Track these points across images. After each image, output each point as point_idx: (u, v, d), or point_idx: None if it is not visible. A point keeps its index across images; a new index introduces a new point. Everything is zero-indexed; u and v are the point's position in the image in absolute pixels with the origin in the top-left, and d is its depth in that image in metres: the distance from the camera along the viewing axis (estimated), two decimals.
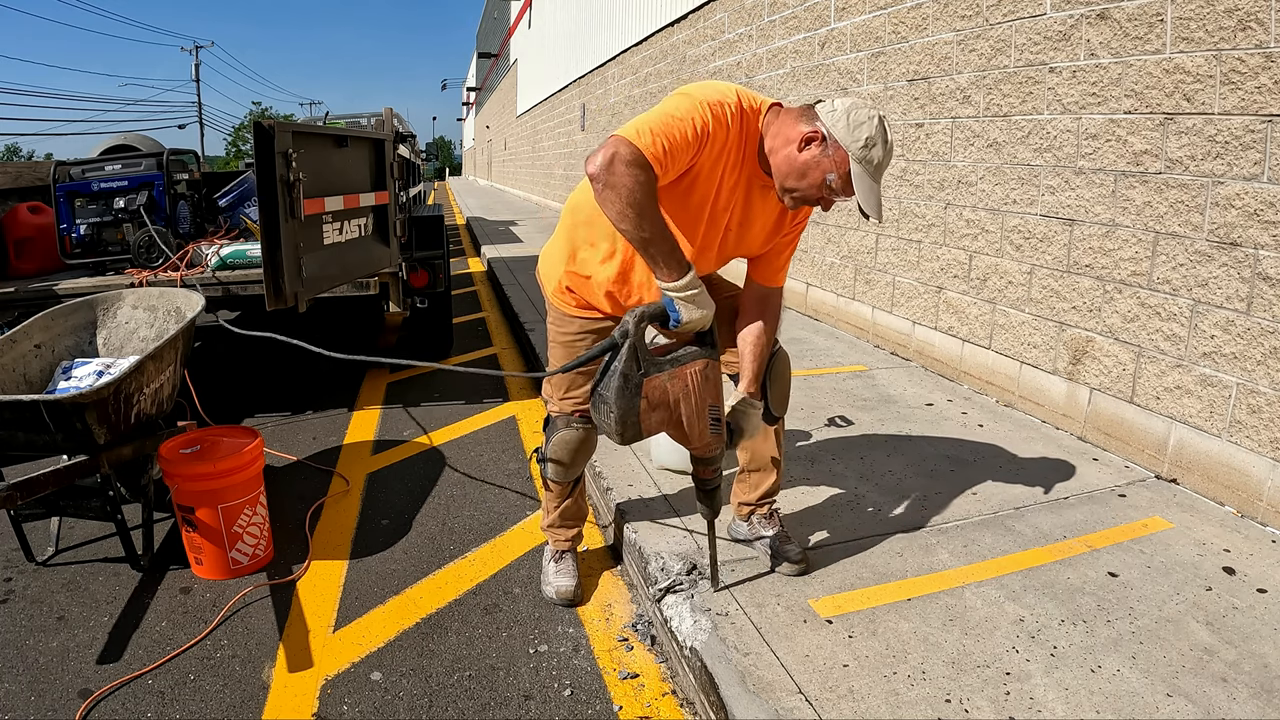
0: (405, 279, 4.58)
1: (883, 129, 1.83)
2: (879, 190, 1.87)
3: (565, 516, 2.45)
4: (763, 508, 2.40)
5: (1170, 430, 2.98)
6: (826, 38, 5.35)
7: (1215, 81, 2.73)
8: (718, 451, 2.04)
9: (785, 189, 1.90)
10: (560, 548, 2.49)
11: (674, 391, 1.89)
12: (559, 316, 2.23)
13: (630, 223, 1.75)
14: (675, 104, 1.83)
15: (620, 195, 1.72)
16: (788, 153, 1.86)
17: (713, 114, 1.81)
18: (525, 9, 24.06)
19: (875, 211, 1.86)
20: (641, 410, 1.87)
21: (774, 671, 1.89)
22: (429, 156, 11.74)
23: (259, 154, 2.97)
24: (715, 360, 1.95)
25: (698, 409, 1.93)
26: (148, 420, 2.69)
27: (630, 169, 1.71)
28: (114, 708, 1.99)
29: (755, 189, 1.98)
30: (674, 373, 1.89)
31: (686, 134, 1.77)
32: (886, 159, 1.86)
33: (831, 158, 1.83)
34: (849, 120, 1.82)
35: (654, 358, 1.88)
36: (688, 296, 1.83)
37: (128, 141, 5.56)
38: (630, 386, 1.84)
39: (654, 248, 1.78)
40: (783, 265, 2.17)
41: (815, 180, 1.85)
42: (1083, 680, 1.84)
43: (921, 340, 4.47)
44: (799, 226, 2.15)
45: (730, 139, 1.87)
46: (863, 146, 1.81)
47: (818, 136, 1.83)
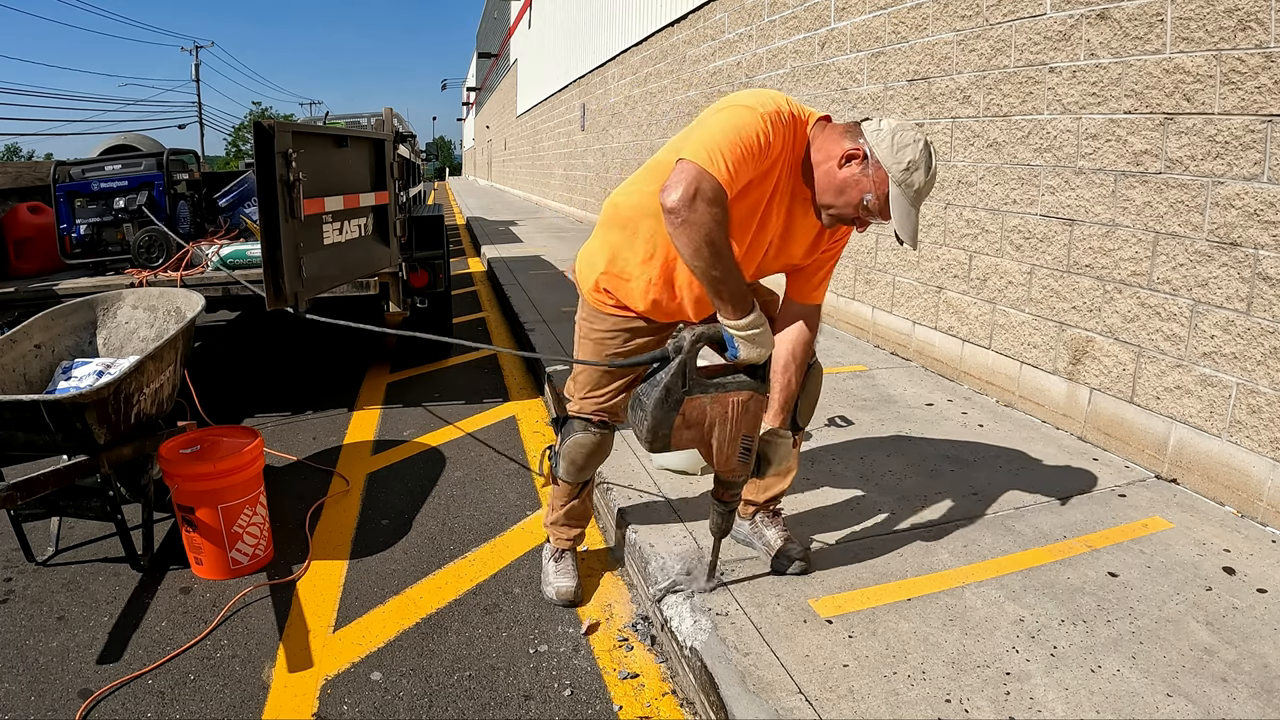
0: (405, 279, 4.58)
1: (928, 154, 1.79)
2: (917, 216, 1.82)
3: (571, 516, 2.43)
4: (767, 508, 2.41)
5: (1170, 430, 2.98)
6: (826, 38, 5.35)
7: (1215, 81, 2.73)
8: (742, 479, 2.04)
9: (822, 205, 1.87)
10: (561, 546, 2.49)
11: (712, 415, 1.90)
12: (591, 313, 2.19)
13: (704, 260, 1.72)
14: (737, 119, 1.77)
15: (699, 233, 1.68)
16: (828, 168, 1.83)
17: (773, 125, 1.77)
18: (525, 9, 24.07)
19: (911, 238, 1.81)
20: (675, 425, 1.88)
21: (774, 671, 1.89)
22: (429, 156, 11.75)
23: (259, 154, 2.97)
24: (763, 395, 1.94)
25: (731, 436, 1.94)
26: (148, 420, 2.69)
27: (711, 208, 1.67)
28: (114, 708, 1.99)
29: (799, 203, 1.95)
30: (717, 397, 1.89)
31: (753, 150, 1.74)
32: (928, 185, 1.82)
33: (871, 177, 1.79)
34: (893, 141, 1.78)
35: (701, 379, 1.88)
36: (749, 336, 1.82)
37: (128, 141, 5.56)
38: (671, 401, 1.86)
39: (723, 286, 1.76)
40: (820, 282, 2.14)
41: (853, 199, 1.82)
42: (1083, 680, 1.84)
43: (921, 340, 4.48)
44: (838, 244, 2.10)
45: (784, 149, 1.84)
46: (904, 169, 1.77)
47: (859, 154, 1.80)
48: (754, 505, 2.41)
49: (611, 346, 2.15)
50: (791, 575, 2.27)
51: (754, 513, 2.42)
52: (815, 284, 2.14)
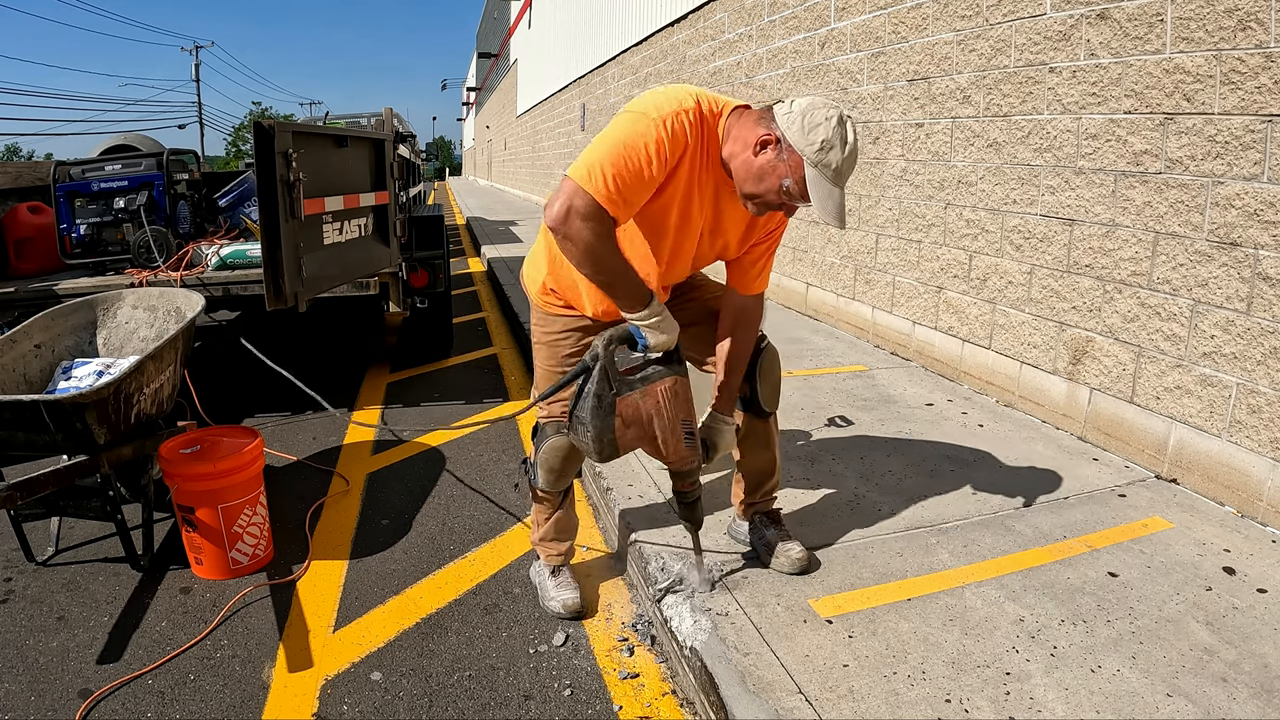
0: (405, 279, 4.58)
1: (841, 131, 1.75)
2: (840, 195, 1.78)
3: (559, 529, 2.39)
4: (763, 504, 2.39)
5: (1170, 430, 2.98)
6: (826, 38, 5.35)
7: (1215, 81, 2.73)
8: (694, 465, 2.07)
9: (745, 194, 1.86)
10: (554, 562, 2.43)
11: (646, 409, 1.95)
12: (542, 317, 2.22)
13: (589, 269, 1.79)
14: (629, 128, 1.77)
15: (578, 247, 1.75)
16: (745, 157, 1.81)
17: (670, 131, 1.76)
18: (525, 9, 24.07)
19: (836, 219, 1.78)
20: (617, 429, 1.94)
21: (774, 671, 1.89)
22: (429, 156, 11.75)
23: (259, 154, 2.97)
24: (683, 377, 1.98)
25: (670, 425, 1.97)
26: (148, 420, 2.69)
27: (587, 222, 1.72)
28: (114, 708, 1.99)
29: (724, 194, 1.94)
30: (645, 390, 1.94)
31: (642, 164, 1.74)
32: (848, 163, 1.78)
33: (786, 162, 1.77)
34: (804, 122, 1.75)
35: (625, 378, 1.93)
36: (652, 324, 1.87)
37: (128, 141, 5.56)
38: (604, 406, 1.91)
39: (616, 289, 1.83)
40: (760, 272, 2.13)
41: (772, 185, 1.80)
42: (1083, 680, 1.84)
43: (921, 340, 4.48)
44: (774, 234, 2.11)
45: (693, 148, 1.83)
46: (818, 150, 1.74)
47: (772, 140, 1.78)
48: (750, 504, 2.40)
49: (565, 347, 2.17)
50: (791, 575, 2.27)
51: (752, 513, 2.41)
52: (755, 274, 2.13)
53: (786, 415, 3.62)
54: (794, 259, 6.05)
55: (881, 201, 4.79)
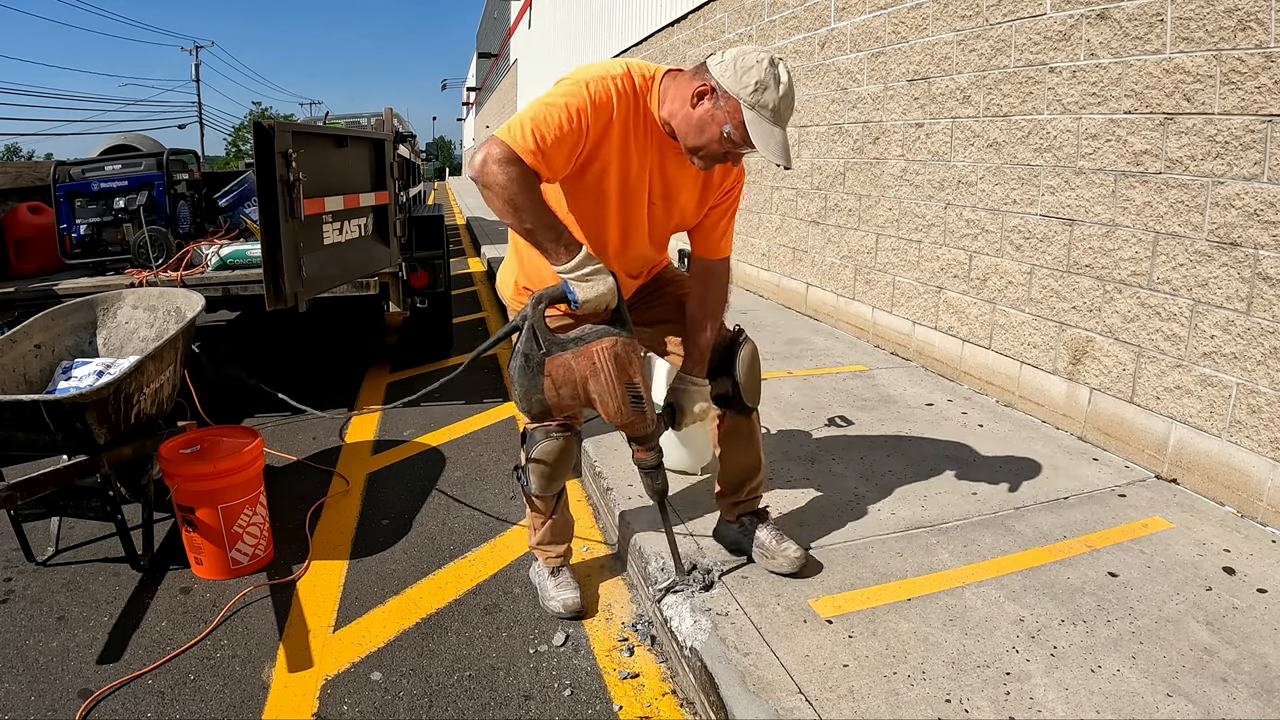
0: (405, 279, 4.58)
1: (774, 71, 1.79)
2: (782, 134, 1.81)
3: (555, 532, 2.38)
4: (751, 504, 2.36)
5: (1170, 430, 2.98)
6: (826, 38, 5.35)
7: (1215, 81, 2.73)
8: (649, 430, 2.04)
9: (689, 149, 1.88)
10: (553, 564, 2.43)
11: (580, 369, 1.92)
12: None
13: (511, 217, 1.79)
14: (555, 90, 1.84)
15: (496, 194, 1.76)
16: (684, 112, 1.85)
17: (593, 93, 1.81)
18: (525, 9, 24.07)
19: (781, 157, 1.80)
20: (545, 388, 1.93)
21: (774, 671, 1.89)
22: (429, 156, 11.75)
23: (259, 154, 2.98)
24: (626, 338, 1.94)
25: (608, 387, 1.92)
26: (148, 420, 2.69)
27: (502, 166, 1.74)
28: (114, 708, 1.99)
29: (669, 158, 1.96)
30: (579, 351, 1.91)
31: (562, 119, 1.78)
32: (785, 102, 1.81)
33: (724, 109, 1.80)
34: (735, 67, 1.79)
35: (557, 337, 1.92)
36: (579, 275, 1.83)
37: (128, 141, 5.56)
38: (531, 365, 1.91)
39: (539, 236, 1.82)
40: (722, 234, 2.16)
41: (714, 135, 1.82)
42: (1083, 680, 1.84)
43: (921, 340, 4.48)
44: (730, 193, 2.12)
45: (625, 113, 1.86)
46: (753, 91, 1.77)
47: (708, 89, 1.81)
48: (736, 504, 2.36)
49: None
50: (787, 575, 2.25)
51: (739, 515, 2.36)
52: (718, 236, 2.16)
53: (787, 415, 3.62)
54: (794, 259, 6.05)
55: (881, 201, 4.79)
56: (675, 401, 2.18)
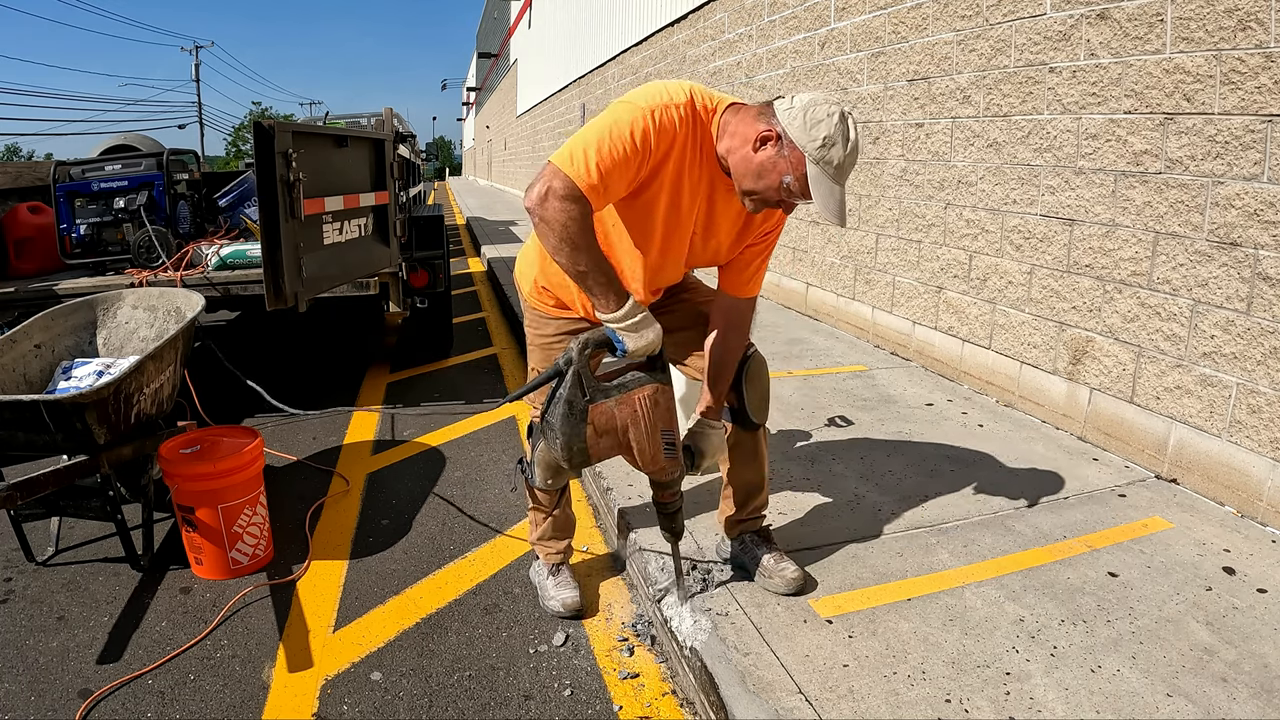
0: (405, 279, 4.58)
1: (843, 127, 1.73)
2: (841, 193, 1.76)
3: (556, 528, 2.38)
4: (752, 523, 2.31)
5: (1170, 430, 2.98)
6: (826, 38, 5.35)
7: (1215, 81, 2.73)
8: (675, 475, 2.00)
9: (743, 191, 1.82)
10: (553, 561, 2.42)
11: (622, 418, 1.87)
12: (536, 318, 2.19)
13: (565, 257, 1.73)
14: (616, 116, 1.75)
15: (554, 230, 1.70)
16: (744, 153, 1.78)
17: (658, 121, 1.75)
18: (525, 9, 24.07)
19: (837, 217, 1.76)
20: (588, 436, 1.86)
21: (774, 671, 1.89)
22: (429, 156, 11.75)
23: (259, 154, 2.97)
24: (666, 384, 1.90)
25: (648, 434, 1.89)
26: (148, 420, 2.69)
27: (564, 204, 1.68)
28: (114, 708, 1.99)
29: (719, 191, 1.90)
30: (622, 399, 1.86)
31: (625, 150, 1.72)
32: (849, 160, 1.76)
33: (788, 158, 1.74)
34: (805, 119, 1.72)
35: (600, 384, 1.86)
36: (628, 326, 1.78)
37: (128, 141, 5.56)
38: (575, 413, 1.84)
39: (590, 280, 1.75)
40: (753, 275, 2.09)
41: (772, 182, 1.77)
42: (1083, 680, 1.84)
43: (921, 340, 4.48)
44: (770, 236, 2.06)
45: (684, 142, 1.80)
46: (820, 146, 1.71)
47: (773, 136, 1.75)
48: (738, 521, 2.32)
49: (559, 349, 2.11)
50: (785, 594, 2.18)
51: (740, 532, 2.32)
52: (748, 276, 2.09)
53: (787, 415, 3.62)
54: (794, 259, 6.05)
55: (881, 201, 4.79)
56: (694, 444, 2.13)
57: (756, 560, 2.25)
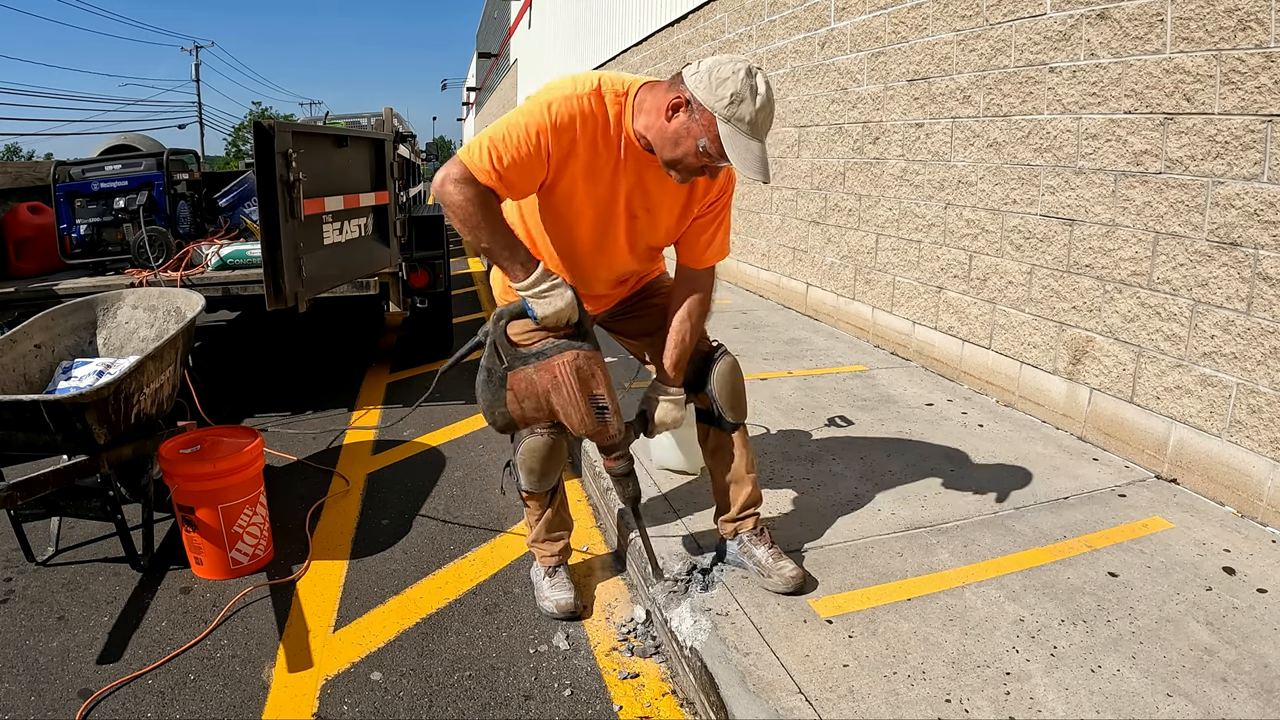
0: (405, 279, 4.58)
1: (750, 82, 1.73)
2: (761, 148, 1.76)
3: (551, 529, 2.37)
4: (747, 522, 2.30)
5: (1170, 430, 2.98)
6: (826, 38, 5.35)
7: (1215, 81, 2.73)
8: (614, 439, 2.07)
9: (665, 162, 1.86)
10: (549, 563, 2.41)
11: (542, 383, 1.95)
12: None
13: (469, 234, 1.83)
14: (519, 109, 1.85)
15: (454, 212, 1.81)
16: (659, 125, 1.82)
17: (554, 115, 1.80)
18: (525, 9, 24.07)
19: (759, 172, 1.76)
20: (509, 401, 1.98)
21: (774, 671, 1.89)
22: (429, 156, 11.74)
23: (259, 154, 2.98)
24: (589, 350, 1.95)
25: (570, 399, 1.96)
26: (148, 420, 2.69)
27: (459, 186, 1.78)
28: (114, 708, 1.99)
29: (649, 171, 1.93)
30: (540, 365, 1.94)
31: (520, 140, 1.79)
32: (764, 114, 1.75)
33: (699, 121, 1.76)
34: (710, 79, 1.74)
35: (519, 351, 1.95)
36: (536, 293, 1.86)
37: (128, 141, 5.56)
38: (494, 380, 1.96)
39: (495, 254, 1.85)
40: (707, 244, 2.13)
41: (689, 149, 1.79)
42: (1083, 680, 1.84)
43: (921, 340, 4.48)
44: (716, 205, 2.08)
45: (591, 132, 1.85)
46: (728, 104, 1.72)
47: (682, 102, 1.77)
48: (731, 521, 2.31)
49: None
50: (785, 593, 2.18)
51: (735, 530, 2.31)
52: (703, 246, 2.13)
53: (787, 415, 3.62)
54: (794, 259, 6.05)
55: (881, 201, 4.79)
56: (647, 409, 2.18)
57: (755, 560, 2.25)
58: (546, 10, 20.07)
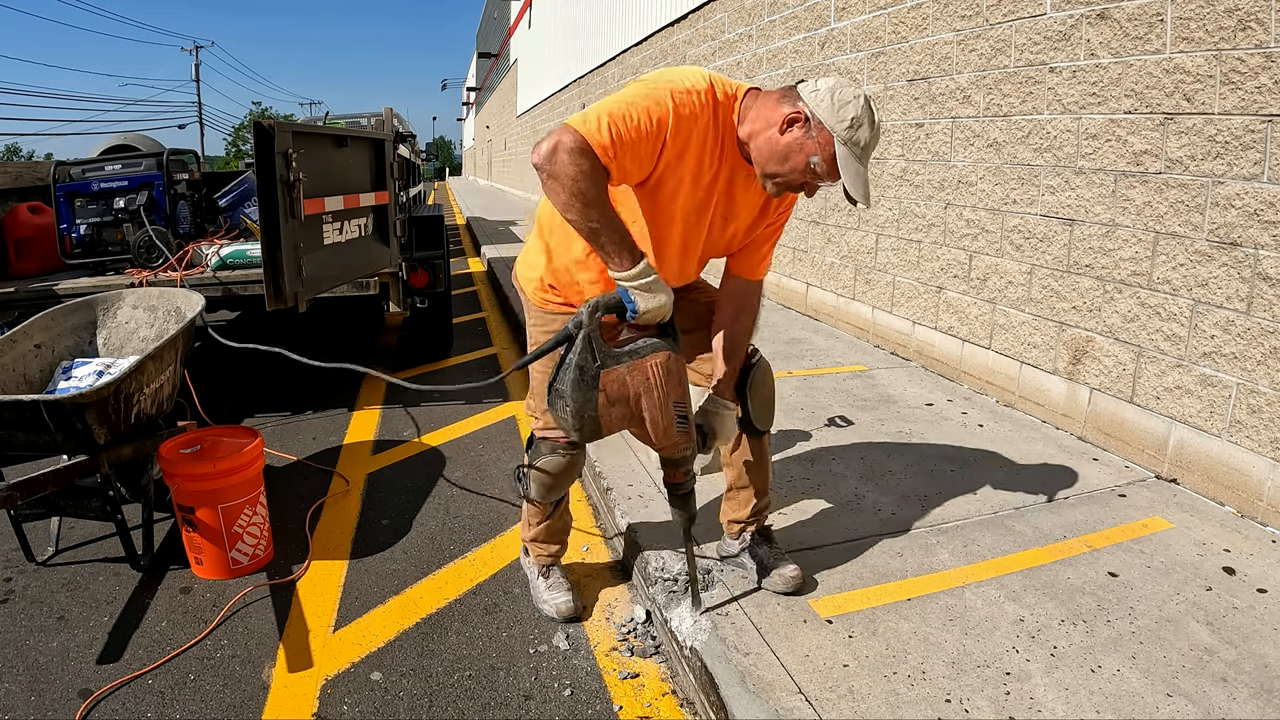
0: (405, 279, 4.58)
1: (869, 109, 1.75)
2: (866, 173, 1.78)
3: (550, 532, 2.35)
4: (754, 525, 2.31)
5: (1170, 430, 2.98)
6: (826, 38, 5.35)
7: (1215, 81, 2.73)
8: (688, 453, 1.95)
9: (767, 174, 1.81)
10: (544, 562, 2.39)
11: (634, 385, 1.80)
12: (541, 316, 2.12)
13: (576, 212, 1.68)
14: (635, 90, 1.74)
15: (564, 185, 1.65)
16: (769, 135, 1.77)
17: (676, 102, 1.72)
18: (525, 9, 24.07)
19: (863, 197, 1.77)
20: (600, 405, 1.79)
21: (774, 671, 1.89)
22: (429, 156, 11.74)
23: (259, 154, 2.98)
24: (678, 353, 1.85)
25: (660, 404, 1.82)
26: (148, 420, 2.69)
27: (573, 156, 1.63)
28: (114, 708, 1.99)
29: (739, 178, 1.89)
30: (633, 365, 1.79)
31: (641, 121, 1.69)
32: (874, 140, 1.77)
33: (815, 140, 1.74)
34: (833, 99, 1.73)
35: (611, 349, 1.79)
36: (642, 285, 1.74)
37: (128, 141, 5.56)
38: (586, 379, 1.76)
39: (603, 237, 1.71)
40: (764, 256, 2.10)
41: (799, 164, 1.77)
42: (1083, 680, 1.84)
43: (921, 340, 4.48)
44: (782, 215, 2.07)
45: (705, 130, 1.78)
46: (848, 127, 1.72)
47: (800, 118, 1.75)
48: (739, 523, 2.31)
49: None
50: (785, 593, 2.18)
51: (740, 530, 2.32)
52: (759, 258, 2.09)
53: (787, 415, 3.62)
54: (794, 259, 6.05)
55: (881, 201, 4.79)
56: (706, 424, 2.09)
57: (757, 559, 2.26)
58: (547, 10, 20.07)
